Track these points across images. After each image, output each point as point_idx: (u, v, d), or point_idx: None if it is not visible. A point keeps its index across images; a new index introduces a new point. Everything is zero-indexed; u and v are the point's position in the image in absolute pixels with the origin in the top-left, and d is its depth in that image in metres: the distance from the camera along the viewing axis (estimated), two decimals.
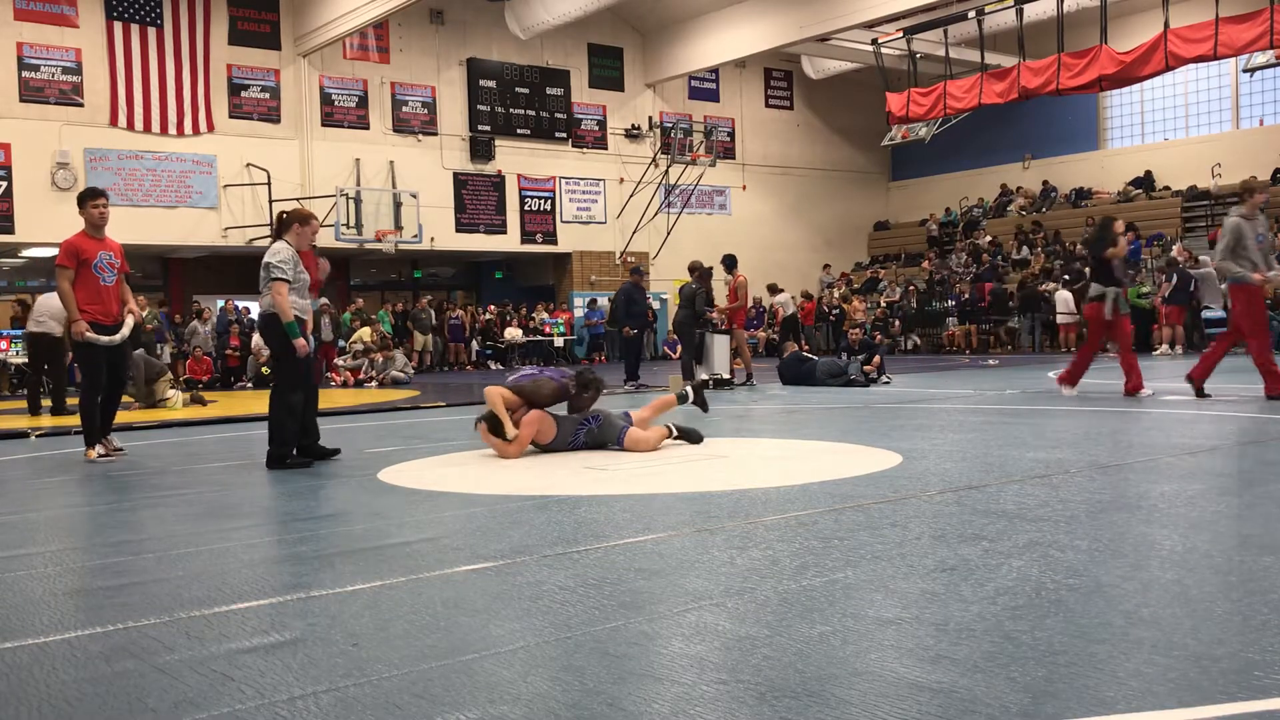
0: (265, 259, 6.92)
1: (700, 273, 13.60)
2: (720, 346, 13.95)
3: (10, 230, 19.72)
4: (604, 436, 7.15)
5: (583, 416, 7.16)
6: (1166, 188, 26.82)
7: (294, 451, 6.95)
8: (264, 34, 22.35)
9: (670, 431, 7.32)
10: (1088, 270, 12.11)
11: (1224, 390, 10.17)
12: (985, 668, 2.44)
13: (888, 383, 13.51)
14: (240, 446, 8.85)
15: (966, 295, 25.19)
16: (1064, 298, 22.80)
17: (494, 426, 6.88)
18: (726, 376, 13.78)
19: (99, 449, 7.80)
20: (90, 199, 7.76)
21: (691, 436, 7.35)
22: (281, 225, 7.20)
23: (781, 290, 26.44)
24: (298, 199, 21.30)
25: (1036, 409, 9.39)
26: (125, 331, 7.76)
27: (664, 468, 6.25)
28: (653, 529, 4.30)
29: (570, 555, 3.82)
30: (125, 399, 14.13)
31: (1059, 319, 22.89)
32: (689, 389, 8.36)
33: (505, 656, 2.66)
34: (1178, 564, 3.38)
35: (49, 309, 12.40)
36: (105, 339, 7.63)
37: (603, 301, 26.27)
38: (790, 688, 2.36)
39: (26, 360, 13.86)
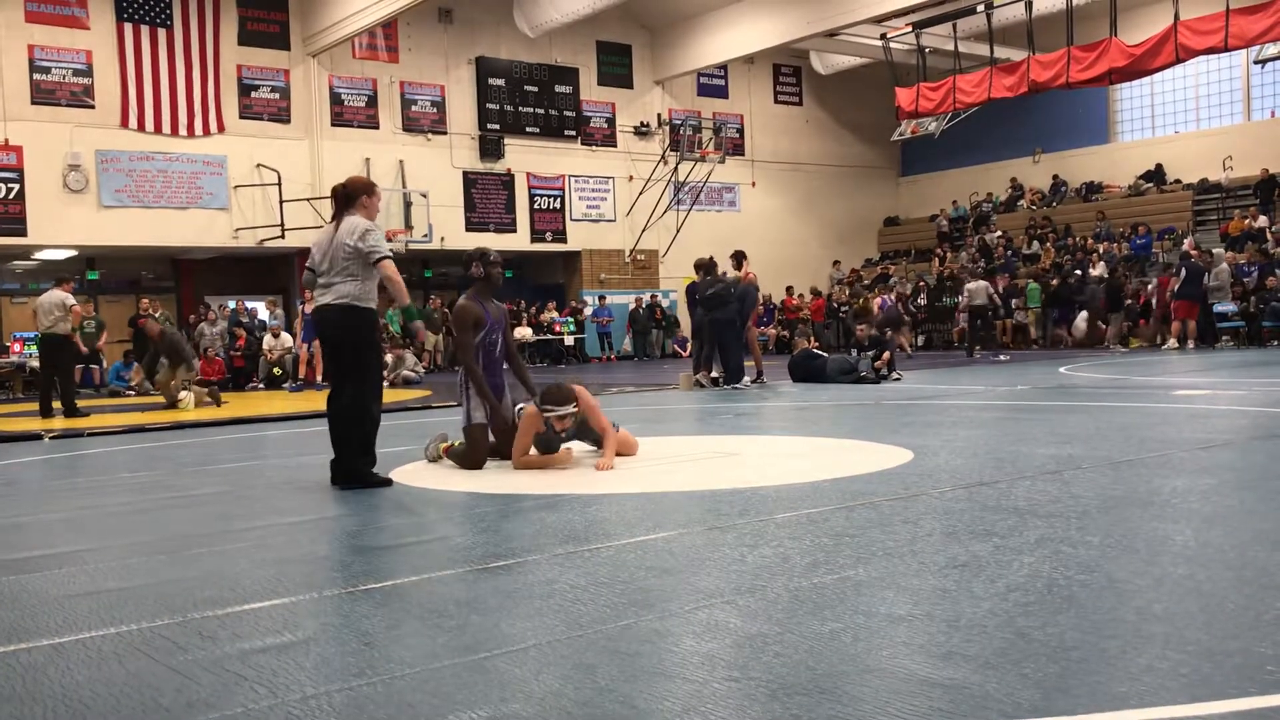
0: (346, 239, 5.75)
1: (706, 268, 13.53)
2: None
3: (23, 233, 19.79)
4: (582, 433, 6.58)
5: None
6: (1177, 181, 26.70)
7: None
8: (273, 34, 22.39)
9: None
10: None
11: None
12: (997, 664, 2.44)
13: (898, 379, 13.49)
14: (253, 447, 8.88)
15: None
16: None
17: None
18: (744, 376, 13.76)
19: None
20: None
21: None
22: (346, 199, 5.92)
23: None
24: (308, 199, 21.36)
25: (1048, 405, 9.37)
26: None
27: (675, 465, 6.25)
28: (663, 527, 4.30)
29: (581, 554, 3.83)
30: (157, 396, 13.92)
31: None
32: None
33: (517, 655, 2.67)
34: (1190, 559, 3.37)
35: (46, 306, 12.54)
36: None
37: (611, 299, 26.30)
38: (801, 685, 2.36)
39: (39, 362, 13.86)
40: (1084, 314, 22.42)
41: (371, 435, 5.85)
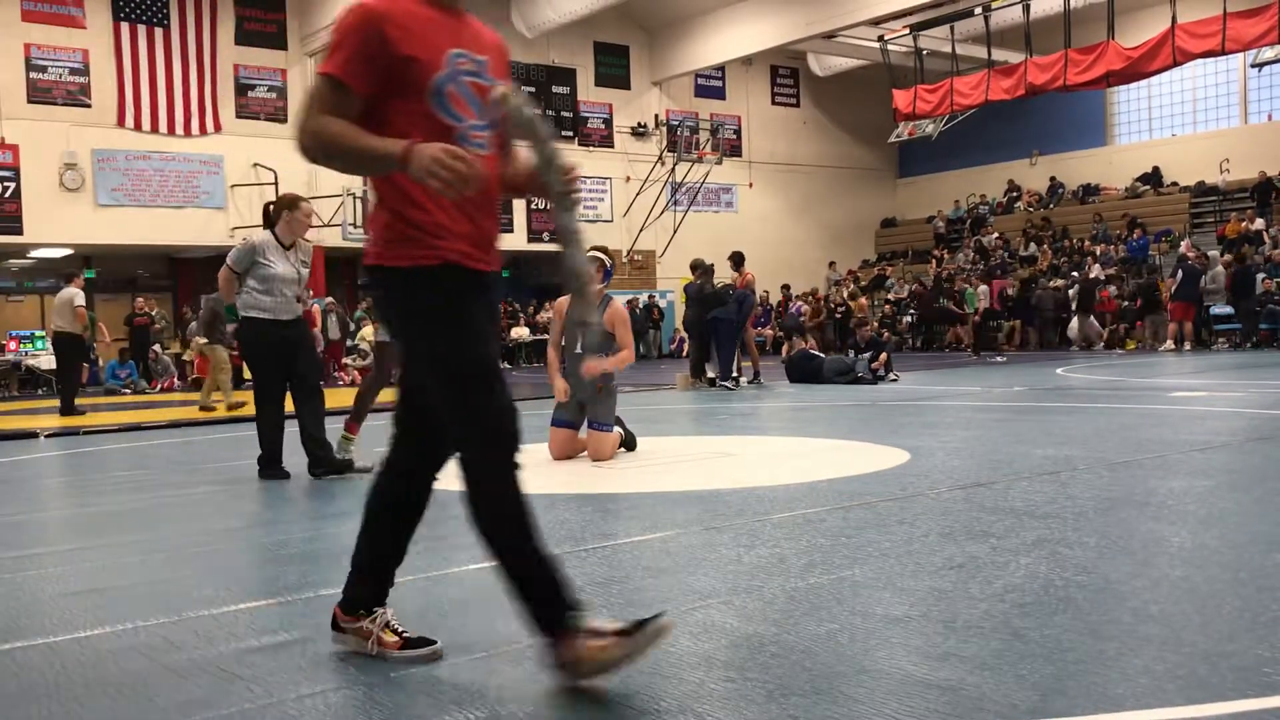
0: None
1: (703, 270, 13.56)
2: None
3: (19, 231, 19.76)
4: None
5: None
6: (1174, 183, 26.74)
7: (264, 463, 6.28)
8: (270, 34, 22.36)
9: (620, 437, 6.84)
10: None
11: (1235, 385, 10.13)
12: (993, 665, 2.44)
13: (895, 380, 13.50)
14: (249, 446, 8.84)
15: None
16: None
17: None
18: (734, 375, 13.76)
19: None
20: None
21: (629, 443, 6.92)
22: (267, 219, 6.65)
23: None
24: (305, 199, 21.33)
25: (1045, 406, 9.37)
26: None
27: (671, 465, 6.25)
28: (660, 527, 4.30)
29: (577, 554, 3.82)
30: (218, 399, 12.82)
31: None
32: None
33: (514, 654, 2.67)
34: (1187, 561, 3.37)
35: (57, 305, 12.56)
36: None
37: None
38: (798, 685, 2.36)
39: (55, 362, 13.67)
40: (1079, 316, 22.44)
41: (265, 436, 6.17)
